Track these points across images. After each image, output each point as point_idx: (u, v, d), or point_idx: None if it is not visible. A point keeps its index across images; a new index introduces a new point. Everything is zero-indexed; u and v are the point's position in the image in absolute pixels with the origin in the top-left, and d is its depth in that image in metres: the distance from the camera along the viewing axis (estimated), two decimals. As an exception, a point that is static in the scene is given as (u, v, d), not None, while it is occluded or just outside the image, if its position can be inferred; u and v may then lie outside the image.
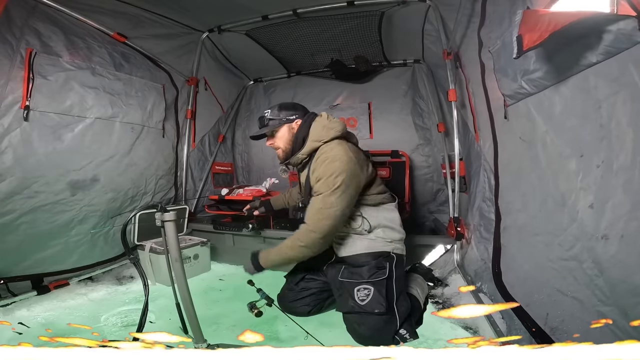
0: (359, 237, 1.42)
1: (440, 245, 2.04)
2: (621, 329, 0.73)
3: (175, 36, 2.46)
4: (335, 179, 1.26)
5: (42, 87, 1.72)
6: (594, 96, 0.87)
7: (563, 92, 1.00)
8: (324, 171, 1.29)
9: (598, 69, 0.85)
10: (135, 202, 2.29)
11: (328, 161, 1.29)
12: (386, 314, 1.26)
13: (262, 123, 1.49)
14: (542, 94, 1.11)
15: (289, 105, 1.50)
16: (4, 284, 1.59)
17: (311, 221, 1.30)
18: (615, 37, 0.76)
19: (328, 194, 1.26)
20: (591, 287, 0.85)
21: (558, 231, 1.02)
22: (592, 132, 0.88)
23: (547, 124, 1.10)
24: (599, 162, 0.85)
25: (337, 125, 1.43)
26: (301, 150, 1.41)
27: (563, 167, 1.01)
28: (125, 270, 2.11)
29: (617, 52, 0.78)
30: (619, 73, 0.78)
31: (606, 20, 0.77)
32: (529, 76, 1.11)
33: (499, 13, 1.35)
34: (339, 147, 1.33)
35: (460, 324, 1.40)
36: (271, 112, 1.47)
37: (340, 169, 1.27)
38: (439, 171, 2.85)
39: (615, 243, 0.79)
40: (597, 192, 0.86)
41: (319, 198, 1.29)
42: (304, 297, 1.52)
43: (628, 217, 0.76)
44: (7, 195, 1.62)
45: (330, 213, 1.26)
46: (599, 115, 0.85)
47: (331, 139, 1.38)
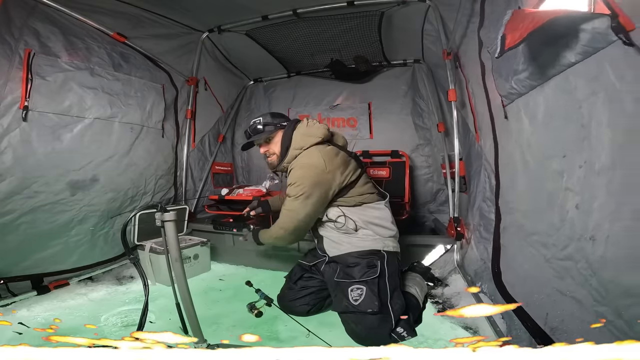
0: (347, 236, 1.44)
1: (440, 245, 2.04)
2: (618, 329, 0.73)
3: (175, 36, 2.46)
4: (298, 187, 1.35)
5: (41, 88, 1.71)
6: (574, 96, 0.87)
7: (547, 93, 1.01)
8: (292, 177, 1.39)
9: (577, 69, 0.85)
10: (135, 202, 2.28)
11: (296, 168, 1.39)
12: (380, 312, 1.27)
13: (255, 130, 1.52)
14: (528, 95, 1.11)
15: (279, 114, 1.58)
16: (4, 284, 1.59)
17: (280, 219, 1.44)
18: (592, 37, 0.75)
19: (292, 199, 1.37)
20: (587, 287, 0.85)
21: (551, 231, 1.02)
22: (574, 132, 0.88)
23: (532, 124, 1.11)
24: (582, 162, 0.85)
25: (315, 130, 1.48)
26: (285, 160, 1.47)
27: (548, 167, 1.01)
28: (125, 270, 2.11)
29: (594, 52, 0.77)
30: (597, 72, 0.78)
31: (582, 19, 0.76)
32: (518, 76, 1.12)
33: (497, 13, 1.35)
34: (312, 154, 1.40)
35: (461, 324, 1.40)
36: (264, 119, 1.52)
37: (304, 177, 1.35)
38: (439, 171, 2.85)
39: (603, 244, 0.79)
40: (581, 192, 0.86)
41: (287, 200, 1.41)
42: (303, 296, 1.52)
43: (612, 218, 0.75)
44: (7, 195, 1.62)
45: (293, 216, 1.38)
46: (580, 116, 0.85)
47: (310, 146, 1.44)
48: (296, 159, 1.42)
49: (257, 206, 1.88)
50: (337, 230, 1.45)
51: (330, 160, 1.38)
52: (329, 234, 1.49)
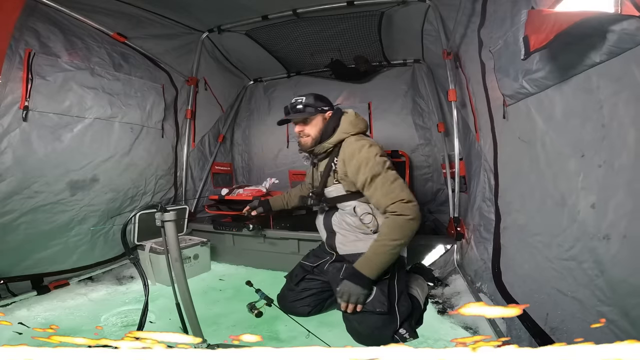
0: (364, 236, 1.43)
1: (440, 245, 2.04)
2: (621, 329, 0.73)
3: (175, 36, 2.46)
4: (379, 157, 1.34)
5: (41, 88, 1.71)
6: (595, 96, 0.86)
7: (565, 92, 1.00)
8: (365, 157, 1.34)
9: (600, 69, 0.85)
10: (135, 202, 2.28)
11: (365, 148, 1.36)
12: (387, 313, 1.27)
13: (295, 109, 1.50)
14: (542, 94, 1.10)
15: (323, 97, 1.56)
16: (4, 284, 1.59)
17: (389, 201, 1.27)
18: (619, 37, 0.76)
19: (382, 174, 1.32)
20: (591, 287, 0.85)
21: (557, 231, 1.02)
22: (593, 132, 0.88)
23: (547, 123, 1.10)
24: (601, 162, 0.85)
25: (361, 123, 1.52)
26: (329, 140, 1.46)
27: (563, 167, 1.00)
28: (125, 270, 2.11)
29: (620, 52, 0.77)
30: (621, 73, 0.78)
31: (610, 20, 0.77)
32: (531, 76, 1.11)
33: (500, 13, 1.35)
34: (365, 139, 1.42)
35: (461, 324, 1.40)
36: (306, 99, 1.50)
37: (377, 151, 1.36)
38: (439, 171, 2.85)
39: (617, 243, 0.78)
40: (598, 192, 0.86)
41: (377, 180, 1.31)
42: (304, 298, 1.52)
43: (631, 217, 0.75)
44: (7, 195, 1.62)
45: (400, 182, 1.32)
46: (600, 115, 0.85)
47: (356, 133, 1.46)
48: (350, 143, 1.41)
49: (257, 206, 1.88)
50: (355, 228, 1.44)
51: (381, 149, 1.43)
52: (344, 231, 1.47)
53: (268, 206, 1.88)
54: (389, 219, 1.29)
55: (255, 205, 1.89)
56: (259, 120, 3.54)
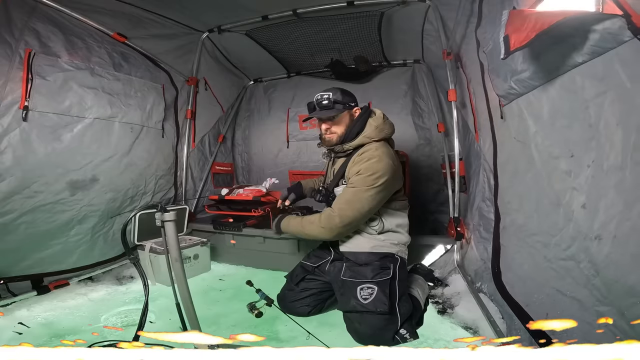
0: (368, 236, 1.44)
1: (440, 245, 2.04)
2: (620, 329, 0.73)
3: (175, 36, 2.45)
4: (377, 179, 1.30)
5: (41, 88, 1.71)
6: (581, 96, 0.87)
7: (550, 93, 1.00)
8: (367, 168, 1.32)
9: (584, 69, 0.85)
10: (135, 202, 2.28)
11: (375, 160, 1.32)
12: (388, 313, 1.27)
13: (321, 105, 1.43)
14: (531, 95, 1.11)
15: (349, 92, 1.50)
16: (4, 284, 1.59)
17: (337, 208, 1.34)
18: (601, 37, 0.75)
19: (363, 190, 1.30)
20: (589, 287, 0.85)
21: (554, 231, 1.02)
22: (581, 132, 0.88)
23: (537, 124, 1.10)
24: (589, 162, 0.85)
25: (388, 128, 1.48)
26: (351, 142, 1.44)
27: (555, 167, 1.01)
28: (125, 270, 2.11)
29: (603, 52, 0.77)
30: (605, 73, 0.78)
31: (592, 19, 0.76)
32: (518, 76, 1.11)
33: (493, 13, 1.36)
34: (385, 149, 1.37)
35: (461, 324, 1.40)
36: (334, 95, 1.43)
37: (383, 170, 1.31)
38: (439, 171, 2.85)
39: (609, 243, 0.78)
40: (588, 192, 0.86)
41: (351, 190, 1.33)
42: (304, 298, 1.52)
43: (620, 218, 0.75)
44: (7, 195, 1.62)
45: (358, 207, 1.31)
46: (587, 115, 0.85)
47: (380, 139, 1.43)
48: (368, 149, 1.37)
49: (288, 194, 1.76)
50: (362, 229, 1.45)
51: (396, 160, 1.39)
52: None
53: (299, 190, 1.77)
54: (325, 213, 1.38)
55: (285, 195, 1.77)
56: (259, 120, 3.54)
